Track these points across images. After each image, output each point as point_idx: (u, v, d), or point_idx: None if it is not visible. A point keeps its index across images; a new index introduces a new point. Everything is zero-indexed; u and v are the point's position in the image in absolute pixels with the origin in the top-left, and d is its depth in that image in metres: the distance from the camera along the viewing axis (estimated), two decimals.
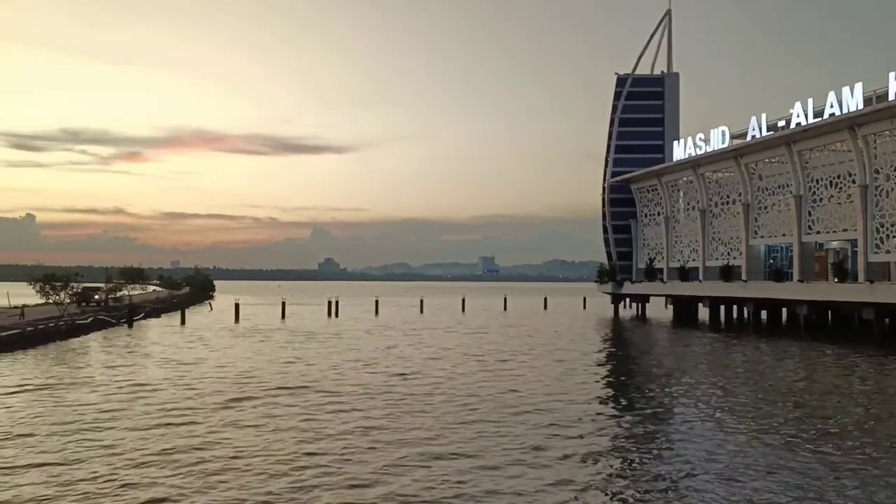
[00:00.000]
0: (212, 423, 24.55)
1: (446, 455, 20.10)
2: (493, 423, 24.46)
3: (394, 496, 16.51)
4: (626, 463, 19.91)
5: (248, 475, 18.13)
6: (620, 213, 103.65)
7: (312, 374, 36.94)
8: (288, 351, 49.04)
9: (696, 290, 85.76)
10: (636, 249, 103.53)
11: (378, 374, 37.34)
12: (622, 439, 22.76)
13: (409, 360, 43.35)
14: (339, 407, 27.52)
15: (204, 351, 48.99)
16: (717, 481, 17.72)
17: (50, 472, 18.26)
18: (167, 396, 30.11)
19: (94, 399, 29.19)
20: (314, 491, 16.85)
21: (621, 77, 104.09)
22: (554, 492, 16.91)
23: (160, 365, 40.83)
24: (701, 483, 17.64)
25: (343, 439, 21.99)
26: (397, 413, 26.29)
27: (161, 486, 17.26)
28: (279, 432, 22.99)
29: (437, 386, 32.96)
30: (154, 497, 16.46)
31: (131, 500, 16.21)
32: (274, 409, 27.02)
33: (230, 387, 32.62)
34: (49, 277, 67.32)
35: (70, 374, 36.57)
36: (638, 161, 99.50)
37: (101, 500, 16.13)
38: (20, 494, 16.58)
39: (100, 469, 18.57)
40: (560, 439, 22.17)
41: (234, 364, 41.23)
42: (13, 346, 46.38)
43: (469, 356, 46.04)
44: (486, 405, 28.02)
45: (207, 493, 16.80)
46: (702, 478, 18.08)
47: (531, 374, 37.49)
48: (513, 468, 18.82)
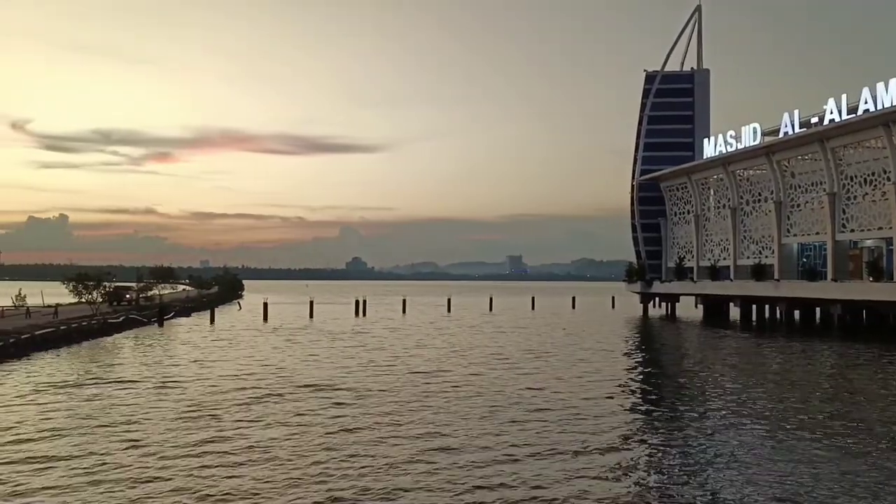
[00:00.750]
0: (238, 419, 24.82)
1: (468, 450, 19.99)
2: (518, 421, 24.29)
3: (416, 491, 16.46)
4: (652, 460, 19.63)
5: (271, 470, 18.24)
6: (649, 211, 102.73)
7: (339, 373, 37.02)
8: (315, 349, 49.24)
9: (727, 290, 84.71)
10: (665, 248, 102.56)
11: (405, 372, 37.31)
12: (649, 438, 22.46)
13: (435, 359, 43.27)
14: (365, 404, 27.55)
15: (232, 349, 49.37)
16: (744, 481, 17.41)
17: (80, 465, 18.65)
18: (195, 393, 30.40)
19: (125, 395, 29.58)
20: (337, 485, 16.90)
21: (650, 74, 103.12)
22: (581, 490, 16.72)
23: (189, 363, 41.25)
24: (728, 481, 17.35)
25: (368, 435, 22.02)
26: (424, 411, 26.25)
27: (186, 479, 17.52)
28: (306, 428, 23.06)
29: (465, 383, 32.85)
30: (179, 487, 16.77)
31: (157, 493, 16.40)
32: (300, 406, 27.10)
33: (257, 384, 32.82)
34: (82, 277, 68.39)
35: (102, 371, 37.06)
36: (667, 159, 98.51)
37: (130, 493, 16.30)
38: (52, 487, 16.93)
39: (127, 461, 18.93)
40: (587, 437, 21.92)
41: (262, 362, 41.49)
42: (47, 344, 47.11)
43: (496, 355, 45.87)
44: (512, 403, 27.85)
45: (231, 487, 16.98)
46: (728, 476, 17.78)
47: (559, 373, 37.21)
48: (539, 464, 18.67)
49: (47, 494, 16.50)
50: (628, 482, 17.74)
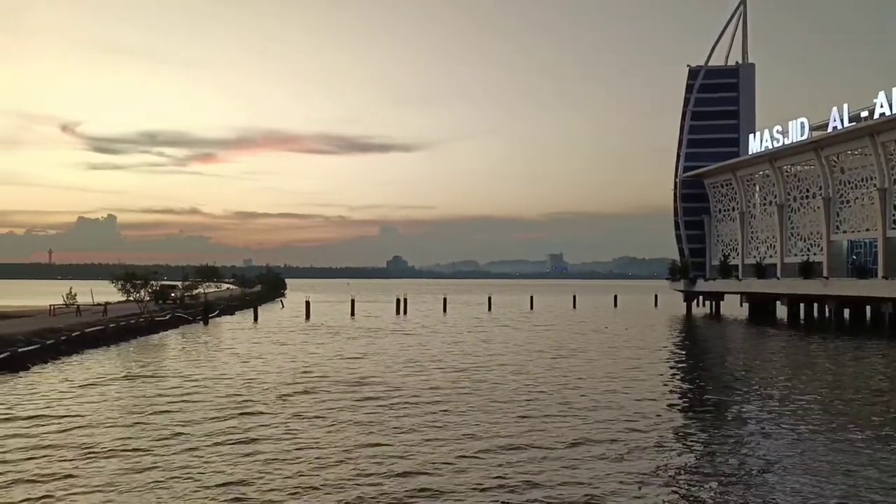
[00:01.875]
0: (280, 414, 25.22)
1: (504, 449, 19.90)
2: (559, 420, 24.11)
3: (457, 486, 16.42)
4: (697, 460, 19.30)
5: (305, 464, 18.45)
6: (693, 208, 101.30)
7: (381, 370, 37.21)
8: (357, 347, 49.55)
9: (774, 288, 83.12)
10: (709, 246, 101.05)
11: (446, 369, 37.33)
12: (695, 439, 22.10)
13: (475, 356, 43.19)
14: (404, 401, 27.63)
15: (275, 347, 49.95)
16: (793, 486, 17.01)
17: (128, 456, 19.33)
18: (238, 388, 30.91)
19: (170, 389, 30.20)
20: (369, 479, 16.98)
21: (693, 69, 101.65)
22: (623, 486, 16.52)
23: (233, 359, 41.90)
24: (772, 482, 16.99)
25: (404, 432, 22.06)
26: (467, 408, 26.21)
27: (224, 471, 18.03)
28: (349, 424, 23.24)
29: (505, 381, 32.73)
30: (221, 482, 17.09)
31: (201, 483, 16.71)
32: (342, 403, 27.30)
33: (299, 380, 33.16)
34: (130, 276, 69.92)
35: (149, 367, 37.86)
36: (711, 155, 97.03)
37: (173, 483, 16.63)
38: (101, 475, 17.57)
39: (173, 453, 19.40)
40: (631, 437, 21.66)
41: (304, 359, 41.91)
42: (97, 342, 48.23)
43: (537, 353, 45.62)
44: (554, 402, 27.66)
45: (267, 478, 17.36)
46: (777, 482, 17.40)
47: (601, 372, 36.86)
48: (581, 462, 18.50)
49: (96, 481, 17.17)
50: (672, 485, 17.46)
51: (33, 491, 16.50)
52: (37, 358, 38.64)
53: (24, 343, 39.24)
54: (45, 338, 42.25)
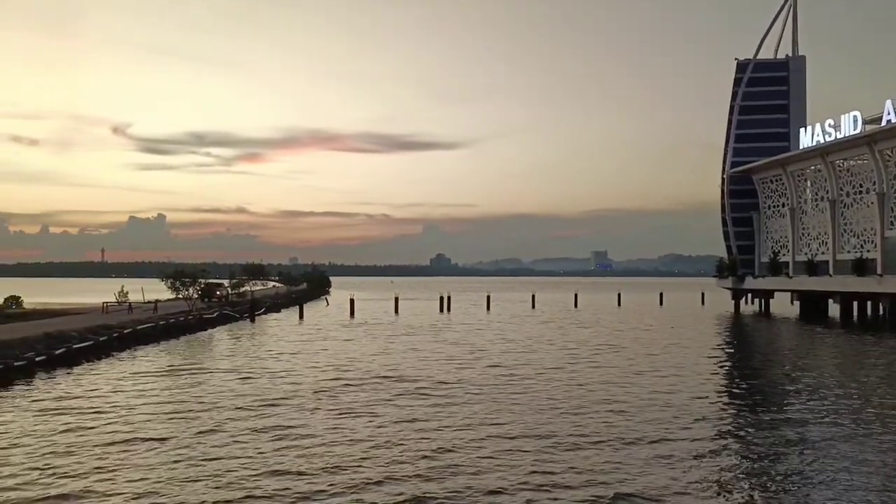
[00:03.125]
0: (321, 408, 25.69)
1: (550, 445, 19.78)
2: (605, 419, 23.87)
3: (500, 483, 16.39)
4: (747, 461, 18.90)
5: (345, 458, 18.63)
6: (741, 204, 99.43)
7: (426, 367, 37.30)
8: (401, 344, 49.77)
9: (826, 286, 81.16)
10: (759, 242, 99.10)
11: (490, 366, 37.25)
12: (744, 443, 21.65)
13: (519, 354, 43.02)
14: (453, 397, 27.64)
15: (320, 343, 50.47)
16: (840, 483, 16.58)
17: (173, 446, 20.01)
18: (283, 383, 31.40)
19: (217, 385, 30.77)
20: (417, 473, 17.04)
21: (741, 62, 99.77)
22: (675, 488, 16.29)
23: (279, 356, 42.46)
24: (825, 484, 16.56)
25: (447, 429, 22.05)
26: (513, 405, 26.12)
27: (265, 461, 18.64)
28: (395, 420, 23.35)
29: (550, 379, 32.54)
30: (264, 471, 17.60)
31: (246, 472, 17.00)
32: (387, 397, 27.46)
33: (344, 377, 33.43)
34: (179, 274, 71.32)
35: (197, 363, 38.60)
36: (760, 150, 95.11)
37: (216, 472, 16.96)
38: (147, 465, 18.40)
39: (216, 445, 19.96)
40: (678, 439, 21.35)
41: (348, 356, 42.23)
42: (148, 338, 49.37)
43: (581, 350, 45.26)
44: (599, 400, 27.40)
45: (305, 470, 17.87)
46: (825, 480, 16.96)
47: (646, 369, 36.38)
48: (628, 459, 18.28)
49: (142, 469, 17.93)
50: (722, 485, 17.15)
51: (84, 478, 17.28)
52: (91, 354, 39.70)
53: (79, 339, 40.31)
54: (99, 334, 43.36)
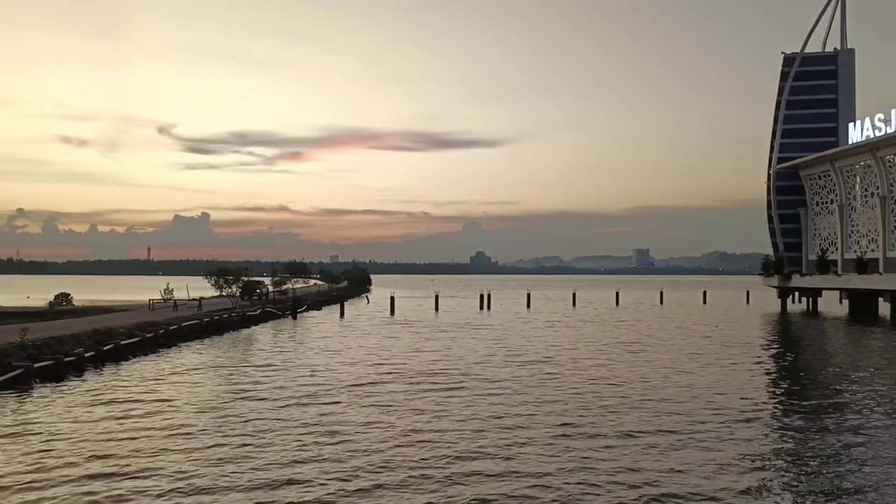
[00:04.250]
0: (358, 402, 25.92)
1: (597, 444, 19.57)
2: (646, 419, 23.56)
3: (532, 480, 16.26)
4: (797, 475, 18.45)
5: (382, 449, 18.68)
6: (788, 201, 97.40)
7: (467, 364, 37.23)
8: (442, 342, 49.76)
9: (876, 284, 79.01)
10: (806, 240, 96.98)
11: (531, 363, 37.04)
12: (792, 441, 21.16)
13: (560, 351, 42.69)
14: (492, 392, 27.53)
15: (361, 340, 50.76)
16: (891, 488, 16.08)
17: (215, 437, 20.46)
18: (323, 379, 31.71)
19: (259, 380, 31.14)
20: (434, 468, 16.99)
21: (788, 56, 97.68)
22: (723, 491, 15.98)
23: (319, 352, 42.83)
24: (873, 491, 16.07)
25: (500, 422, 21.96)
26: (556, 401, 25.93)
27: (303, 452, 19.09)
28: (439, 415, 23.34)
29: (591, 377, 32.22)
30: (300, 460, 17.99)
31: (285, 460, 17.18)
32: (427, 395, 27.45)
33: (384, 372, 33.59)
34: (223, 272, 72.39)
35: (240, 359, 39.13)
36: (807, 146, 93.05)
37: (255, 462, 17.15)
38: (193, 450, 19.12)
39: (271, 434, 20.09)
40: (722, 442, 20.96)
41: (388, 353, 42.37)
42: (192, 335, 50.20)
43: (622, 348, 44.76)
44: (641, 399, 27.06)
45: (343, 459, 18.23)
46: (877, 485, 16.47)
47: (688, 370, 35.82)
48: (671, 460, 18.01)
49: (185, 457, 18.55)
50: (767, 494, 16.79)
51: (128, 465, 17.96)
52: (137, 350, 40.49)
53: (126, 336, 41.13)
54: (145, 331, 44.19)
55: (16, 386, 28.53)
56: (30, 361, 30.50)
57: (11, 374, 28.86)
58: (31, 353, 32.02)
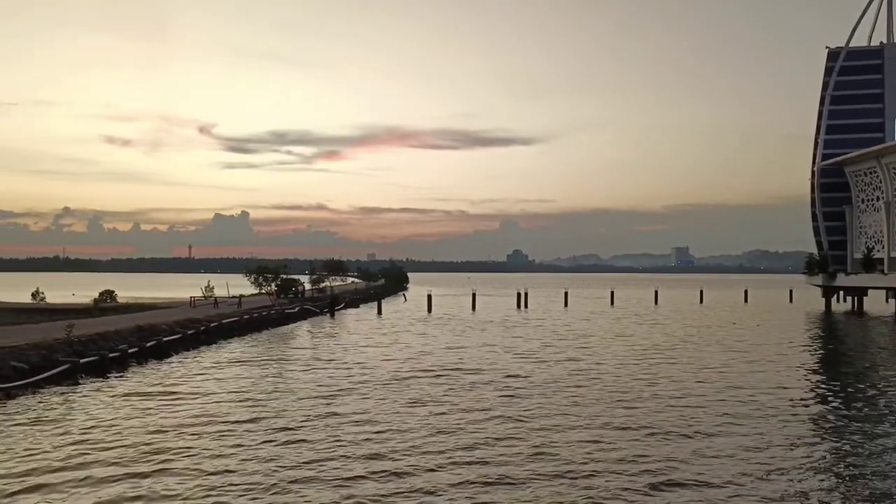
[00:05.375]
0: (394, 397, 26.02)
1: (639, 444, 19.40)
2: (686, 421, 23.28)
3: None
4: (835, 468, 18.08)
5: (418, 442, 18.72)
6: (832, 198, 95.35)
7: (504, 362, 37.15)
8: (478, 339, 49.74)
9: None
10: (851, 238, 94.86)
11: (569, 360, 36.86)
12: (833, 442, 20.72)
13: (597, 350, 42.40)
14: (533, 391, 27.47)
15: (398, 337, 50.97)
16: None
17: (254, 430, 20.54)
18: (360, 375, 31.94)
19: (298, 375, 31.53)
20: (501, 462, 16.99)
21: (833, 51, 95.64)
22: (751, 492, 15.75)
23: (358, 349, 43.22)
24: None
25: (536, 420, 21.91)
26: (591, 398, 25.78)
27: (338, 445, 19.41)
28: (479, 413, 23.34)
29: (628, 375, 31.94)
30: (331, 454, 17.99)
31: (315, 454, 17.39)
32: (464, 393, 27.47)
33: (421, 369, 33.69)
34: (262, 270, 73.33)
35: (280, 355, 39.63)
36: (853, 142, 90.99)
37: (292, 453, 17.40)
38: (232, 443, 19.55)
39: (309, 428, 20.30)
40: (761, 446, 20.63)
41: (426, 350, 42.49)
42: (232, 332, 50.93)
43: (663, 347, 44.28)
44: (682, 398, 26.73)
45: (379, 452, 18.37)
46: None
47: (730, 368, 35.31)
48: (709, 460, 17.79)
49: (223, 447, 18.99)
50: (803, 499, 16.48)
51: (170, 455, 18.38)
52: (179, 346, 41.20)
53: (168, 332, 41.88)
54: (187, 328, 44.93)
55: (63, 381, 29.24)
56: (76, 357, 31.23)
57: (59, 370, 29.57)
58: (77, 349, 32.80)
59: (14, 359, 28.66)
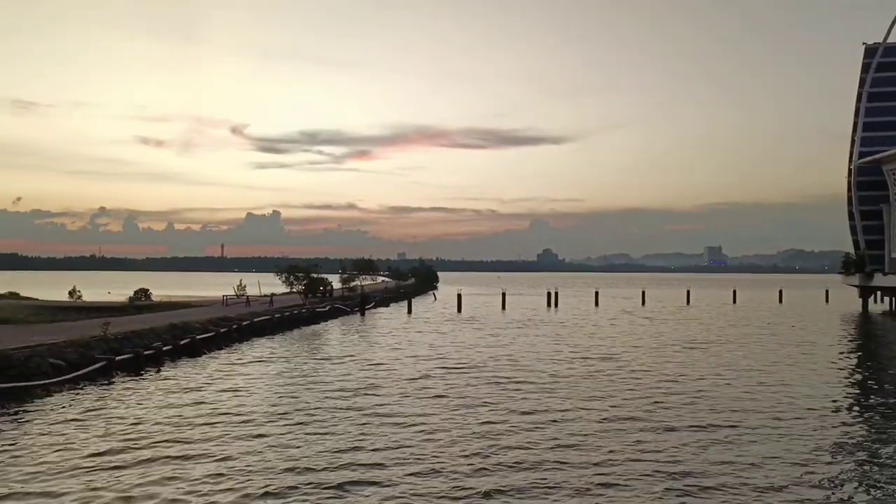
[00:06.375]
0: (426, 395, 26.16)
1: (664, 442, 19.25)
2: (717, 424, 23.02)
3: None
4: (867, 470, 17.77)
5: (446, 439, 18.75)
6: (870, 197, 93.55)
7: (529, 360, 37.08)
8: (508, 338, 49.68)
9: None
10: (889, 237, 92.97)
11: (602, 359, 36.65)
12: (868, 443, 20.37)
13: (628, 350, 42.10)
14: (560, 390, 27.37)
15: (428, 336, 51.09)
16: None
17: (288, 422, 20.92)
18: (389, 372, 32.25)
19: (327, 372, 31.72)
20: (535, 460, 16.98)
21: (870, 47, 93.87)
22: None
23: (387, 348, 43.38)
24: None
25: (564, 419, 21.84)
26: (623, 398, 25.62)
27: (363, 440, 19.26)
28: (512, 413, 23.33)
29: (662, 377, 31.66)
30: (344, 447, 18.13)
31: (343, 447, 17.51)
32: (493, 388, 27.41)
33: (452, 367, 33.69)
34: (293, 269, 73.95)
35: (310, 353, 39.92)
36: (890, 139, 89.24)
37: (319, 446, 17.55)
38: (263, 438, 19.69)
39: (339, 422, 20.39)
40: (799, 433, 20.35)
41: (455, 348, 42.50)
42: (264, 330, 51.50)
43: (695, 347, 43.82)
44: (711, 399, 26.45)
45: (410, 445, 17.94)
46: None
47: (764, 367, 34.82)
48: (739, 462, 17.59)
49: (254, 441, 19.32)
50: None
51: (202, 448, 18.71)
52: (212, 344, 41.74)
53: (201, 331, 42.44)
54: (219, 326, 45.50)
55: (100, 377, 29.83)
56: (112, 354, 31.82)
57: (95, 367, 30.15)
58: (113, 346, 33.40)
59: (52, 356, 29.28)
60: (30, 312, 50.49)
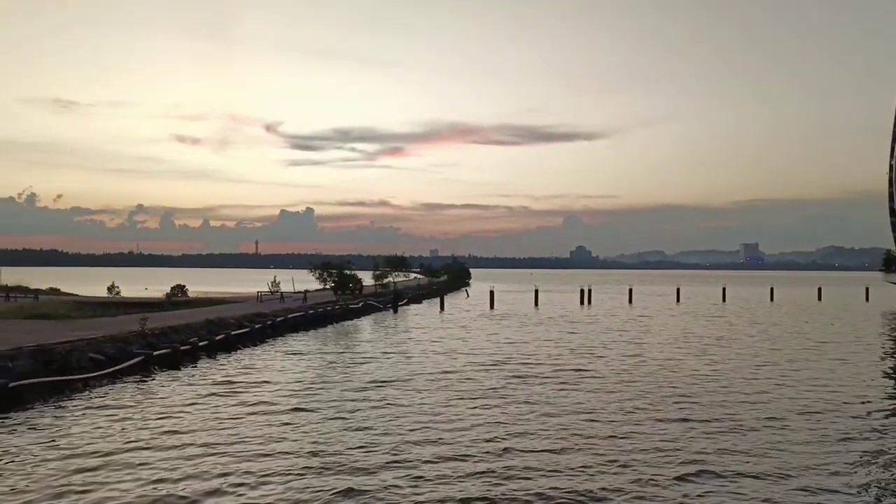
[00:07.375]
0: (458, 390, 25.82)
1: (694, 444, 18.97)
2: (748, 427, 22.68)
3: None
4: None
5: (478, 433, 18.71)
6: None
7: (563, 357, 36.85)
8: (540, 335, 49.45)
9: None
10: None
11: (635, 357, 36.30)
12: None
13: (663, 346, 41.65)
14: (596, 385, 27.19)
15: (461, 333, 51.04)
16: None
17: (318, 417, 20.58)
18: (422, 368, 32.02)
19: (359, 367, 31.85)
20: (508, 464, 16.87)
21: None
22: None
23: (420, 344, 43.49)
24: None
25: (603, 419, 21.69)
26: (658, 397, 25.36)
27: (386, 435, 19.13)
28: (542, 408, 23.21)
29: (699, 376, 31.27)
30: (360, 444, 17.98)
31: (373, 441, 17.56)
32: (523, 384, 27.31)
33: (481, 363, 33.51)
34: (326, 266, 74.52)
35: (343, 349, 40.12)
36: None
37: (349, 440, 17.65)
38: (296, 429, 19.72)
39: (372, 419, 20.51)
40: (842, 452, 19.96)
41: (487, 345, 42.40)
42: (297, 327, 51.95)
43: (730, 345, 43.22)
44: (748, 401, 26.08)
45: (440, 439, 17.87)
46: None
47: (803, 366, 34.23)
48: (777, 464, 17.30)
49: (289, 434, 19.32)
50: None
51: (238, 441, 18.67)
52: (247, 340, 42.15)
53: (236, 326, 42.91)
54: (254, 322, 45.97)
55: (137, 372, 30.34)
56: (149, 349, 32.30)
57: (134, 361, 30.64)
58: (151, 341, 33.90)
59: (92, 351, 29.79)
60: (70, 308, 51.40)
